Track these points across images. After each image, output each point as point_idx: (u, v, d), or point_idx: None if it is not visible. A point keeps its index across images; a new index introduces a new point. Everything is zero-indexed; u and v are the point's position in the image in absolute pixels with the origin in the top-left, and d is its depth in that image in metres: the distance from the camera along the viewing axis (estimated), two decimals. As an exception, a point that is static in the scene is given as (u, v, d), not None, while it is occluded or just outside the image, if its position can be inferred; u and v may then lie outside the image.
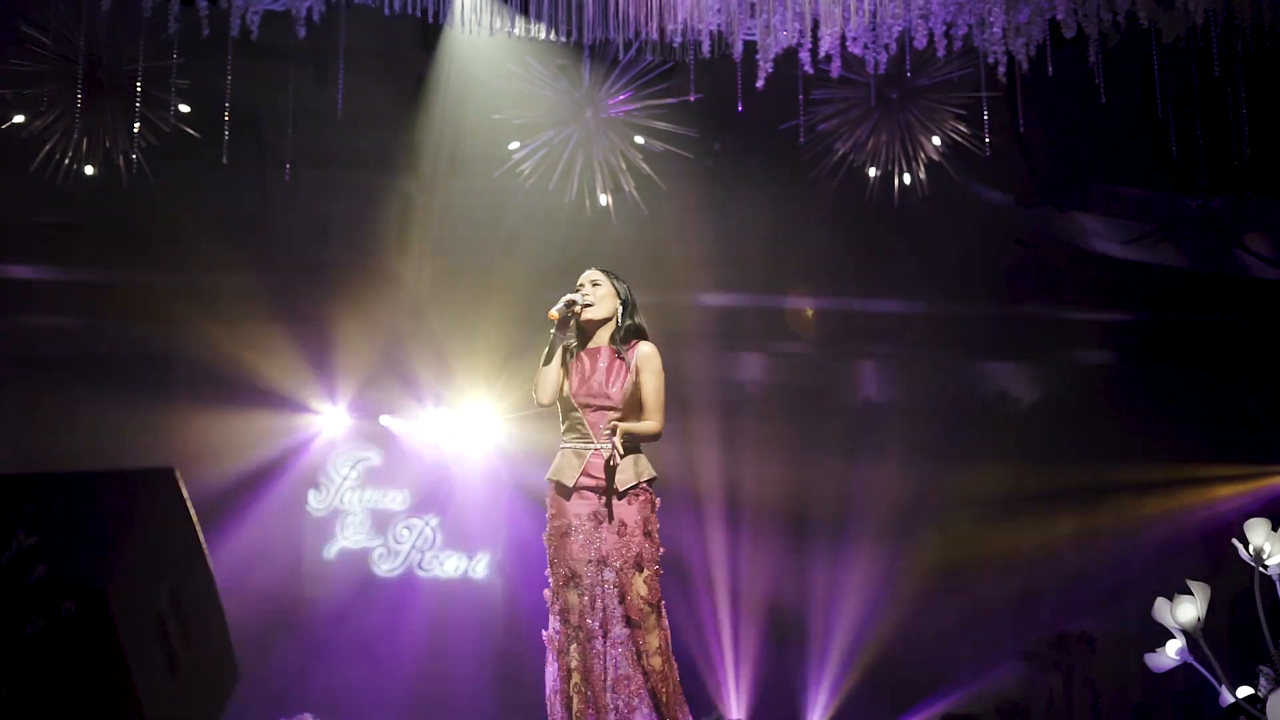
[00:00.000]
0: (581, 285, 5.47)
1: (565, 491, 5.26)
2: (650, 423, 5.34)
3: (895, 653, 11.05)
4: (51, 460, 10.03)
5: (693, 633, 10.66)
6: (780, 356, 11.50)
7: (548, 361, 5.32)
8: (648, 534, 5.28)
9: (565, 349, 5.41)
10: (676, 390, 6.17)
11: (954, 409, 11.51)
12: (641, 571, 5.23)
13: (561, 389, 5.36)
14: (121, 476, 2.73)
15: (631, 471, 5.29)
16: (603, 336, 5.43)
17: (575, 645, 5.15)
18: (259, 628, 10.44)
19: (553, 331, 5.31)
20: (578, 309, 5.36)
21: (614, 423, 5.22)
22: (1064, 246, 11.43)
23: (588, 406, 5.31)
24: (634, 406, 5.35)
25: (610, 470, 5.18)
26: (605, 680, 5.10)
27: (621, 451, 5.15)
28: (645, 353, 5.40)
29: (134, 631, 2.56)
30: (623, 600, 5.17)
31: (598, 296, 5.42)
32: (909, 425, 11.41)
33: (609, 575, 5.19)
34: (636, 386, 5.35)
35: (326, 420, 11.29)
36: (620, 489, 5.24)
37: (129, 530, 2.61)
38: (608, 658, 5.13)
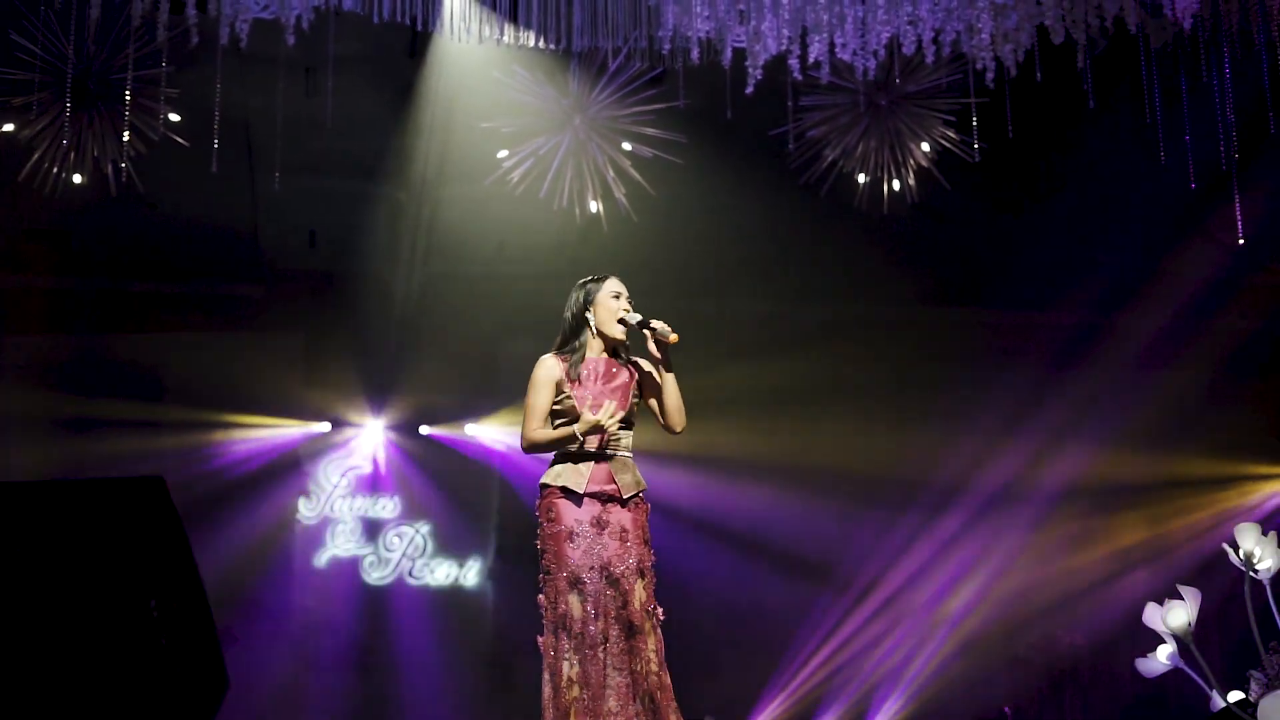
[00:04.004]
0: (620, 294, 5.45)
1: (574, 497, 5.25)
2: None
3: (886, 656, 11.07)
4: (41, 469, 10.01)
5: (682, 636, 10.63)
6: (774, 361, 11.50)
7: (559, 443, 5.31)
8: (645, 541, 5.32)
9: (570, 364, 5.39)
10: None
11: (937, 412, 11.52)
12: (642, 578, 5.25)
13: (560, 395, 5.34)
14: (110, 485, 2.72)
15: (632, 477, 5.32)
16: (615, 348, 5.44)
17: (574, 653, 5.13)
18: (249, 636, 10.43)
19: (581, 435, 5.24)
20: (661, 336, 5.33)
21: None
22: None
23: None
24: (633, 415, 5.39)
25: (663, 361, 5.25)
26: (604, 687, 5.09)
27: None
28: (644, 363, 5.45)
29: (124, 640, 2.55)
30: (625, 607, 5.17)
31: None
32: (903, 428, 11.43)
33: (611, 582, 5.19)
34: (640, 396, 5.41)
35: (316, 428, 11.28)
36: (624, 494, 5.27)
37: (119, 539, 2.61)
38: (607, 665, 5.12)
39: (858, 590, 11.26)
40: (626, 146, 10.31)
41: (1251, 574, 4.86)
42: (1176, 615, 4.81)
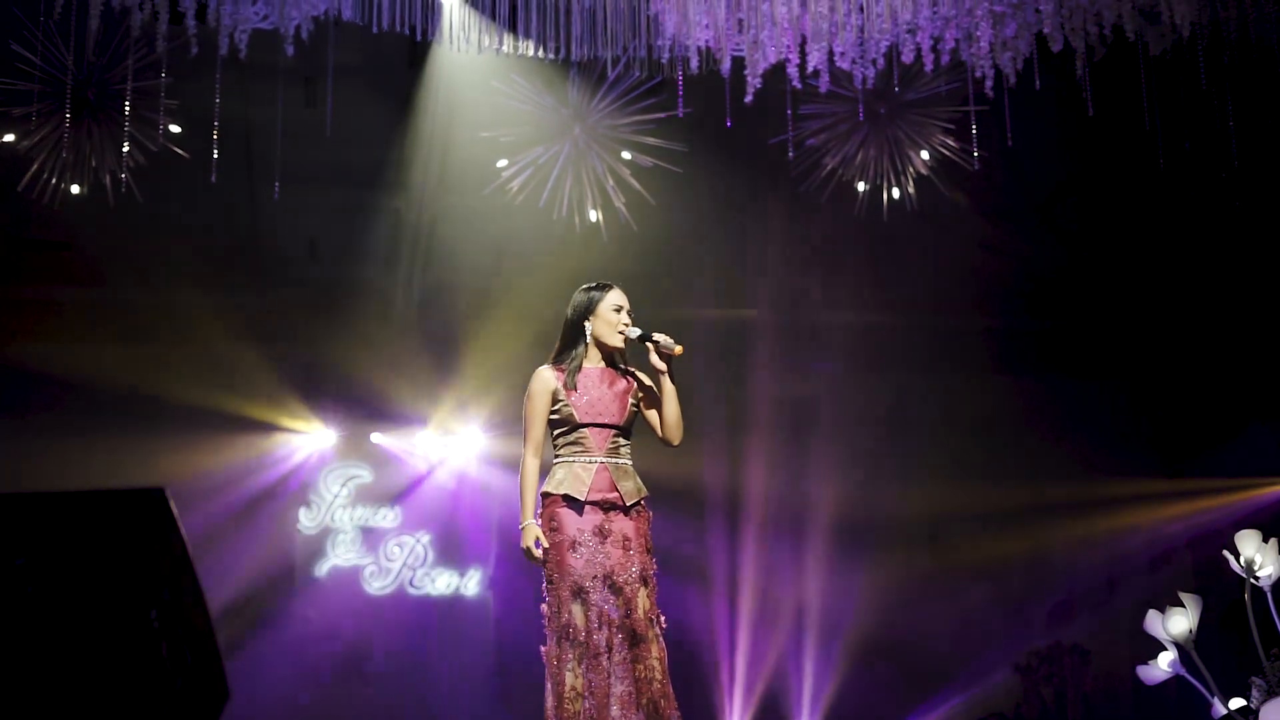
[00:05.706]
0: (622, 307, 5.45)
1: (577, 505, 5.25)
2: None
3: (887, 662, 11.06)
4: (40, 480, 9.99)
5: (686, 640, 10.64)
6: (772, 371, 11.50)
7: (525, 494, 5.36)
8: (648, 549, 5.33)
9: (571, 369, 5.40)
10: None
11: (939, 422, 11.52)
12: (646, 586, 5.25)
13: (556, 404, 5.35)
14: (111, 496, 2.71)
15: (634, 485, 5.33)
16: (612, 356, 5.45)
17: (578, 662, 5.13)
18: (250, 646, 10.43)
19: (522, 545, 5.33)
20: (665, 349, 5.34)
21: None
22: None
23: (593, 425, 5.32)
24: (631, 424, 5.40)
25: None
26: (609, 696, 5.09)
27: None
28: (643, 375, 5.46)
29: (124, 651, 2.55)
30: (628, 615, 5.18)
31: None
32: (897, 437, 11.43)
33: (615, 591, 5.19)
34: (639, 406, 5.41)
35: (317, 438, 11.27)
36: (628, 502, 5.27)
37: (119, 550, 2.60)
38: (612, 674, 5.12)
39: None
40: (626, 155, 10.32)
41: (1252, 581, 4.85)
42: (1177, 622, 4.80)
